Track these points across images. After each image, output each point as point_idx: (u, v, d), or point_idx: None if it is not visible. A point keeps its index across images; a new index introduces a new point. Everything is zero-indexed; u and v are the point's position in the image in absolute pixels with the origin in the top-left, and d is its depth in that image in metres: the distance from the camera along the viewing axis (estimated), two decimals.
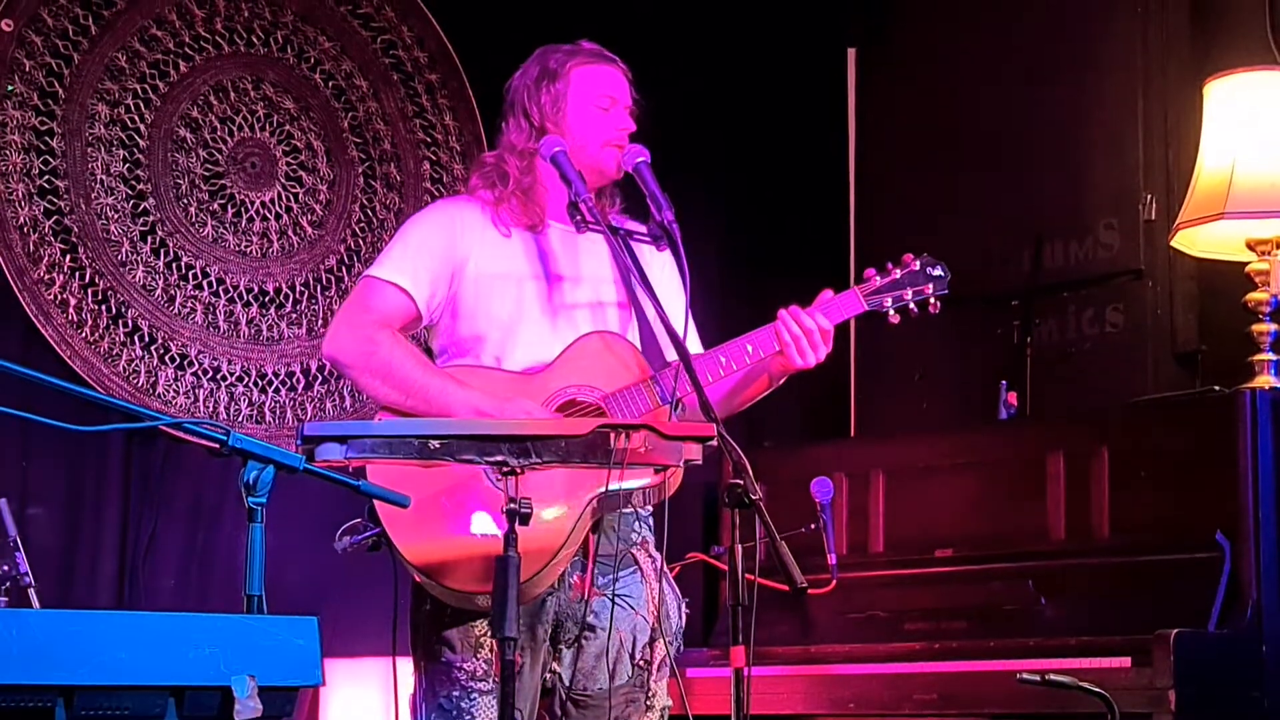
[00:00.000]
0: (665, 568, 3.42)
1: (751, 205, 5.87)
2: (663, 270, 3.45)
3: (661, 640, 3.35)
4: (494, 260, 3.41)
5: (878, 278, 3.52)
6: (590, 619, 3.30)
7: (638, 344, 3.41)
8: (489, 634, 3.22)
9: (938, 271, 3.55)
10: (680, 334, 3.21)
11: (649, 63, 3.67)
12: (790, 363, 3.39)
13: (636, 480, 3.18)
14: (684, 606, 3.47)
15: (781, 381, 3.49)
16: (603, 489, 3.08)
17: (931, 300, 3.54)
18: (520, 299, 3.39)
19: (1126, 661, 3.86)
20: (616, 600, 3.33)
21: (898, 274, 3.52)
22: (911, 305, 3.52)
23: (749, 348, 3.39)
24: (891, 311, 3.51)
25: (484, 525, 3.16)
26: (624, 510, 3.33)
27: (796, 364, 3.39)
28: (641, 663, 3.35)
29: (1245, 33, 4.94)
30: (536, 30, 3.79)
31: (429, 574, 3.18)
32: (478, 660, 3.24)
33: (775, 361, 3.42)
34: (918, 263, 3.54)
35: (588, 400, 3.31)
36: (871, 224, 5.96)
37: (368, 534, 3.21)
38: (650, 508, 3.40)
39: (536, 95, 3.47)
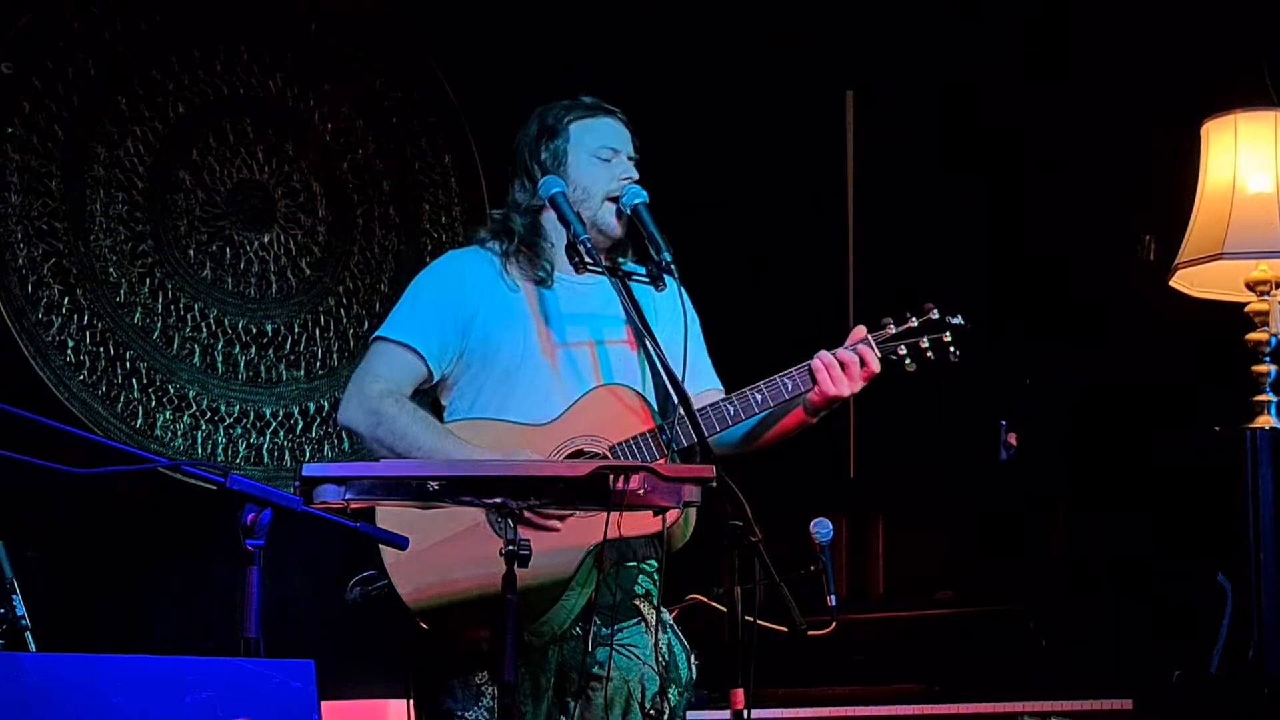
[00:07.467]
0: (672, 620, 3.43)
1: (751, 246, 5.88)
2: (666, 312, 3.45)
3: (672, 690, 3.34)
4: (502, 313, 3.41)
5: (893, 326, 3.48)
6: (596, 669, 3.29)
7: (650, 391, 3.41)
8: (490, 682, 3.21)
9: (957, 320, 3.50)
10: (680, 377, 3.21)
11: (647, 109, 3.68)
12: (825, 389, 3.38)
13: (642, 530, 3.19)
14: (694, 658, 3.45)
15: (821, 414, 3.46)
16: (612, 536, 3.08)
17: (952, 351, 3.50)
18: (527, 352, 3.39)
19: (1129, 703, 3.85)
20: (623, 650, 3.32)
21: (915, 323, 3.48)
22: (929, 354, 3.47)
23: (758, 397, 3.39)
24: (908, 361, 3.46)
25: (485, 570, 3.16)
26: (627, 563, 3.33)
27: (831, 391, 3.37)
28: (653, 712, 3.33)
29: (1244, 73, 4.95)
30: (536, 75, 3.80)
31: (428, 618, 3.18)
32: (479, 709, 3.24)
33: (813, 394, 3.41)
34: (936, 311, 3.50)
35: (595, 450, 3.31)
36: (871, 264, 5.97)
37: (379, 584, 3.21)
38: (654, 561, 3.39)
39: (537, 153, 3.47)
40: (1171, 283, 4.65)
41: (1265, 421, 4.29)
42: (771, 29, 5.83)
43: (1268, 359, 4.37)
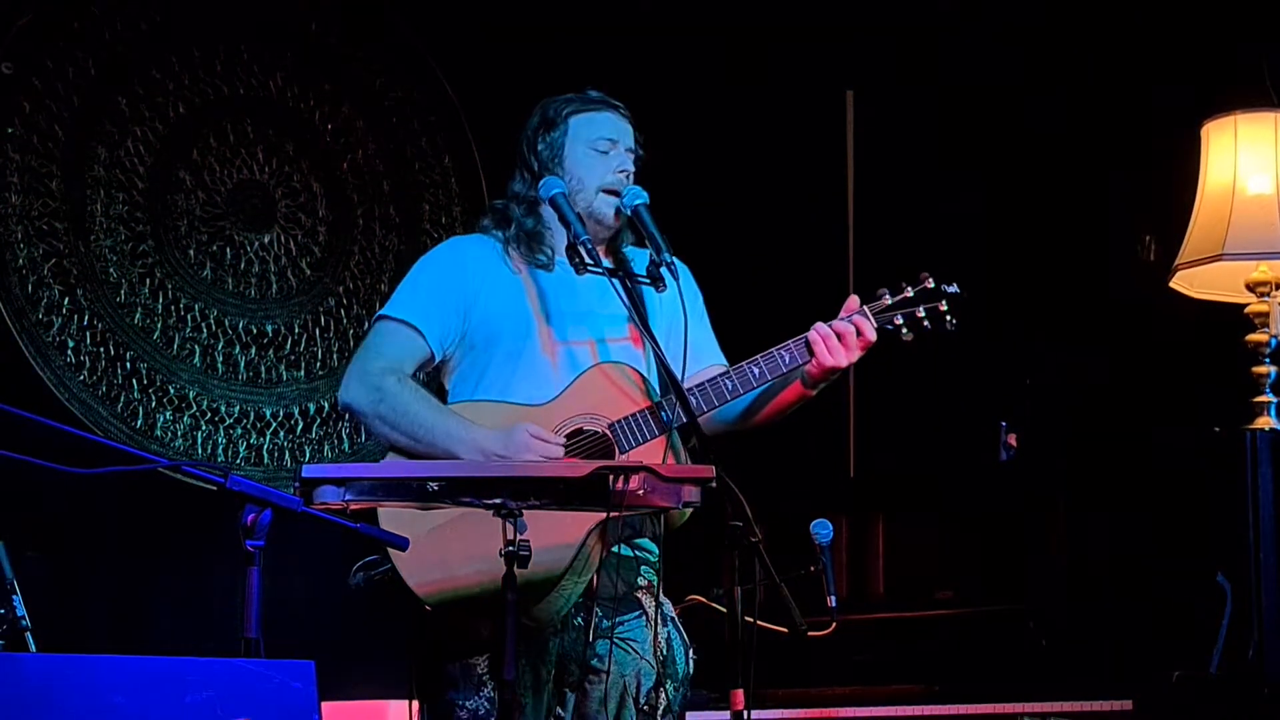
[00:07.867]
0: (674, 613, 3.43)
1: (751, 247, 5.88)
2: (668, 304, 3.46)
3: (667, 685, 3.34)
4: (503, 297, 3.43)
5: (889, 296, 3.48)
6: (594, 661, 3.29)
7: (654, 375, 3.42)
8: (490, 673, 3.22)
9: (952, 289, 3.50)
10: (679, 375, 3.23)
11: (647, 109, 3.68)
12: (823, 360, 3.38)
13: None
14: (692, 653, 3.45)
15: (820, 386, 3.46)
16: (605, 518, 3.09)
17: (948, 318, 3.48)
18: (527, 335, 3.41)
19: (1129, 703, 3.85)
20: (622, 644, 3.32)
21: (910, 292, 3.48)
22: (926, 323, 3.46)
23: (755, 370, 3.40)
24: (904, 331, 3.46)
25: (486, 567, 3.17)
26: (625, 549, 3.33)
27: (828, 361, 3.37)
28: (646, 708, 3.34)
29: (1245, 74, 4.96)
30: (536, 75, 3.80)
31: (433, 604, 3.19)
32: (480, 699, 3.25)
33: (810, 366, 3.41)
34: (932, 280, 3.50)
35: (594, 429, 3.32)
36: (870, 264, 5.97)
37: (382, 569, 3.22)
38: (653, 543, 3.39)
39: (535, 145, 3.49)
40: (1171, 283, 4.65)
41: (1265, 422, 4.29)
42: (771, 29, 5.83)
43: (1267, 360, 4.37)
